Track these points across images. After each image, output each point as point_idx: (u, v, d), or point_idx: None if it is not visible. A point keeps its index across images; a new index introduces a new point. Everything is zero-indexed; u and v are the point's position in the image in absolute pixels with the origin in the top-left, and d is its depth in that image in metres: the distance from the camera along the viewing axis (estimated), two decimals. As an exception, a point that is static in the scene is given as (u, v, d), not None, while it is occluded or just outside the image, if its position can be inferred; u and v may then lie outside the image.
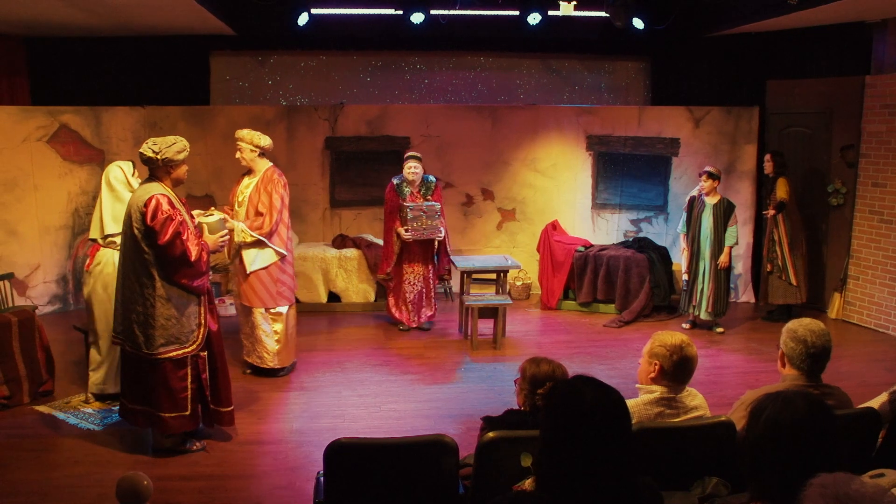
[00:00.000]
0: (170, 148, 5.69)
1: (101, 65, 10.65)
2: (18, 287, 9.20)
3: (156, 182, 5.74)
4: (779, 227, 9.46)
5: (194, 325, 5.82)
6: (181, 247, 5.57)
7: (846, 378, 7.13)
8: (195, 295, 5.81)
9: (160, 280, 5.62)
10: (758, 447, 2.42)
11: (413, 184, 9.08)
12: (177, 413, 5.78)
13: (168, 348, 5.69)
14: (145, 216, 5.51)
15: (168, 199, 5.63)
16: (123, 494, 3.70)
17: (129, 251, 5.69)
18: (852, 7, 8.33)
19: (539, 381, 3.93)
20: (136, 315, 5.66)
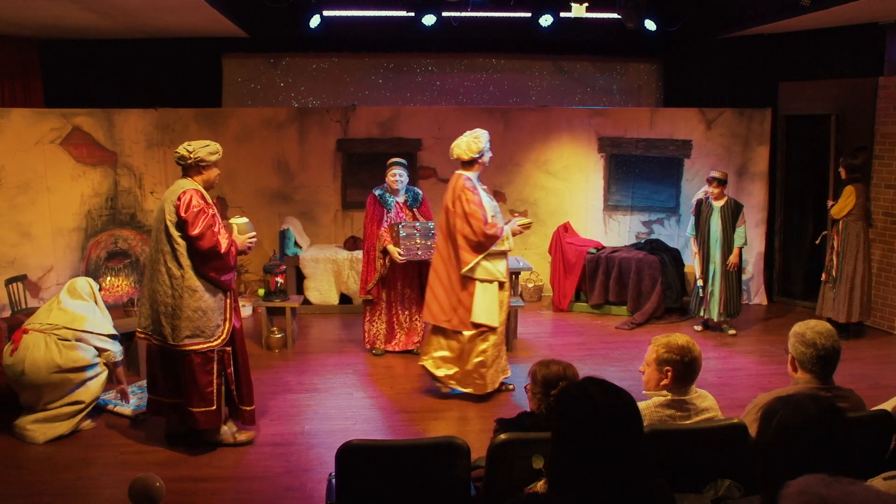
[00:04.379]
0: (203, 149, 5.92)
1: (114, 67, 10.69)
2: (31, 289, 9.24)
3: (188, 179, 5.96)
4: (838, 237, 9.06)
5: (220, 320, 5.95)
6: (212, 238, 5.75)
7: (859, 380, 7.11)
8: (221, 290, 5.96)
9: (189, 271, 5.80)
10: (770, 450, 2.41)
11: (397, 193, 8.39)
12: (205, 408, 5.92)
13: (193, 341, 5.82)
14: (178, 208, 5.73)
15: (200, 194, 5.86)
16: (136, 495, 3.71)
17: (159, 244, 5.87)
18: (865, 8, 8.29)
19: (551, 381, 3.93)
20: (164, 307, 5.81)
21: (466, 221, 6.85)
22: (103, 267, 10.03)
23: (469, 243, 6.88)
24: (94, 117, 9.94)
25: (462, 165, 7.15)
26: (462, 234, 6.88)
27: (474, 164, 7.12)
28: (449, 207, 6.99)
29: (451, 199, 6.98)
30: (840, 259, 8.99)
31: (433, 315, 7.16)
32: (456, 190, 6.96)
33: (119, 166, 10.17)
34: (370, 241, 8.41)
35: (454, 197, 6.95)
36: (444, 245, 7.12)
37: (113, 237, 10.14)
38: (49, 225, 9.53)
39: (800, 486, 1.81)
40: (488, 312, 6.94)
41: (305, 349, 8.79)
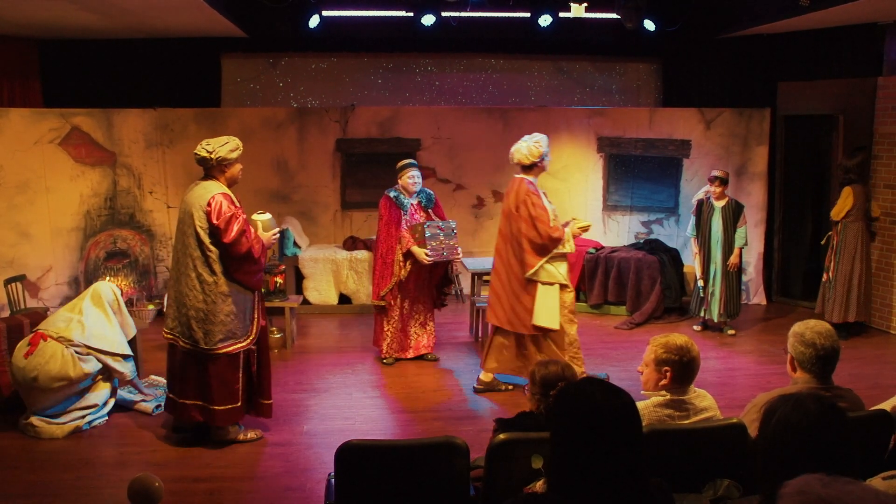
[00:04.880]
0: (223, 147, 5.92)
1: (113, 67, 10.69)
2: (30, 289, 9.24)
3: (212, 181, 5.94)
4: (838, 237, 9.10)
5: (249, 321, 6.01)
6: (246, 244, 5.78)
7: (858, 380, 7.10)
8: (251, 291, 6.00)
9: (222, 277, 5.81)
10: (769, 449, 2.41)
11: (411, 194, 8.17)
12: (230, 405, 5.99)
13: (226, 343, 5.88)
14: (209, 215, 5.72)
15: (229, 198, 5.85)
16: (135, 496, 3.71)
17: (188, 249, 5.84)
18: (864, 8, 8.29)
19: (550, 382, 3.93)
20: (195, 311, 5.82)
21: (532, 225, 6.92)
22: (102, 267, 10.03)
23: (534, 246, 6.95)
24: (93, 117, 9.94)
25: (522, 170, 7.13)
26: (527, 238, 6.94)
27: (534, 168, 7.11)
28: (512, 211, 7.03)
29: (513, 203, 7.01)
30: (838, 259, 9.00)
31: (497, 317, 7.24)
32: (520, 194, 6.98)
33: (118, 166, 10.16)
34: (386, 244, 8.05)
35: (518, 201, 6.98)
36: (503, 248, 7.20)
37: (112, 237, 10.14)
38: (48, 225, 9.53)
39: (798, 486, 1.81)
40: (550, 315, 7.02)
41: (304, 349, 8.79)
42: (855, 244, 8.99)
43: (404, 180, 8.05)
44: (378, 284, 8.11)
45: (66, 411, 6.36)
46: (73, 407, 6.38)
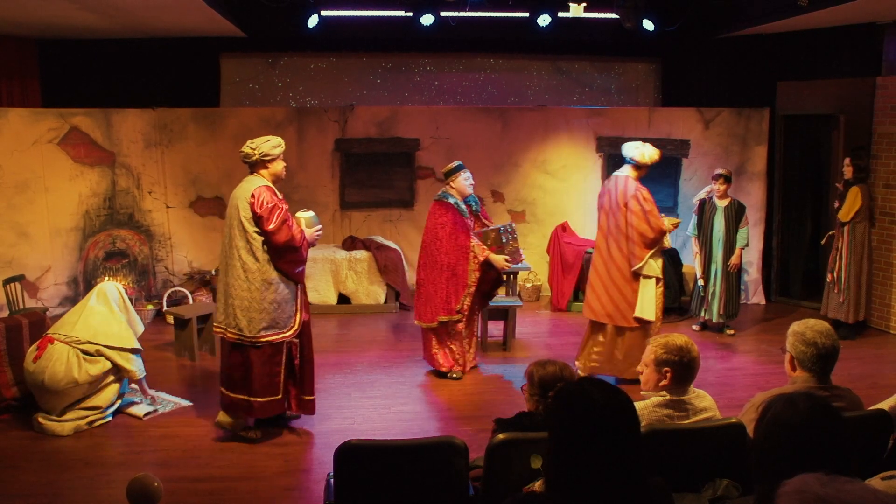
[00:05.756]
0: (265, 144, 6.14)
1: (112, 67, 10.69)
2: (29, 289, 9.23)
3: (256, 175, 6.18)
4: (844, 238, 9.07)
5: (292, 311, 6.18)
6: (287, 233, 5.99)
7: (857, 380, 7.12)
8: (293, 282, 6.19)
9: (266, 265, 6.03)
10: (763, 448, 2.42)
11: (464, 198, 7.78)
12: (270, 397, 6.16)
13: (269, 332, 6.07)
14: (253, 205, 5.97)
15: (271, 190, 6.09)
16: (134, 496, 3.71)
17: (232, 240, 6.08)
18: (863, 8, 8.30)
19: (548, 382, 3.93)
20: (240, 300, 6.04)
21: (645, 218, 7.23)
22: (101, 267, 10.03)
23: (645, 240, 7.24)
24: (92, 117, 9.93)
25: (633, 168, 7.46)
26: (639, 231, 7.22)
27: (643, 169, 7.47)
28: (619, 206, 7.32)
29: (620, 199, 7.31)
30: (849, 261, 8.98)
31: (594, 312, 7.52)
32: (629, 189, 7.30)
33: (117, 166, 10.16)
34: (455, 255, 7.56)
35: (627, 196, 7.28)
36: (603, 243, 7.48)
37: (111, 237, 10.14)
38: (47, 225, 9.52)
39: (796, 485, 1.81)
40: (650, 307, 7.32)
41: (304, 349, 8.78)
42: (863, 244, 9.02)
43: (458, 183, 7.70)
44: (448, 299, 7.61)
45: (70, 410, 6.39)
46: (77, 406, 6.40)
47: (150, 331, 9.06)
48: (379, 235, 10.90)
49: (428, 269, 7.71)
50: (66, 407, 6.40)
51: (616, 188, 7.42)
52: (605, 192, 7.60)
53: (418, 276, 7.89)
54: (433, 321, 7.69)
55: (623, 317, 7.35)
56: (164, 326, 9.33)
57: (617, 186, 7.43)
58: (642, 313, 7.30)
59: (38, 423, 6.37)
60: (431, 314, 7.70)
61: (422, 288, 7.80)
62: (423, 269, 7.78)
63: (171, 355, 8.51)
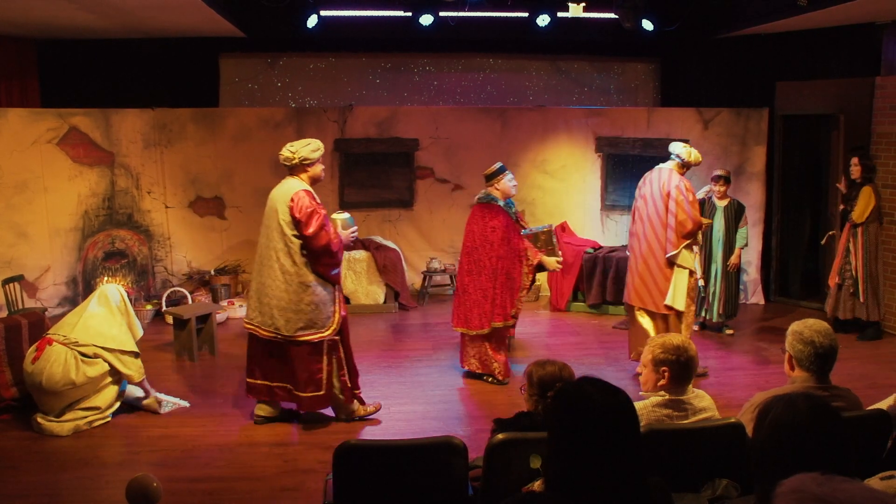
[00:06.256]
0: (305, 147, 6.31)
1: (111, 67, 10.69)
2: (28, 289, 9.23)
3: (295, 179, 6.35)
4: (856, 239, 8.96)
5: (330, 312, 6.33)
6: (325, 237, 6.16)
7: (857, 380, 7.12)
8: (330, 283, 6.34)
9: (304, 268, 6.19)
10: (763, 449, 2.42)
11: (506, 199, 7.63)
12: (313, 392, 6.35)
13: (306, 332, 6.24)
14: (292, 209, 6.13)
15: (310, 194, 6.26)
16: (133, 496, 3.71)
17: (271, 241, 6.25)
18: (863, 8, 8.30)
19: (547, 382, 3.93)
20: (277, 300, 6.22)
21: (686, 209, 7.38)
22: (100, 267, 10.03)
23: (682, 230, 7.38)
24: (92, 117, 9.93)
25: (678, 164, 7.58)
26: (679, 220, 7.37)
27: (687, 167, 7.62)
28: (661, 195, 7.48)
29: (664, 188, 7.47)
30: (864, 261, 8.92)
31: (628, 294, 7.80)
32: (673, 180, 7.46)
33: (116, 166, 10.16)
34: (509, 259, 7.39)
35: (671, 186, 7.44)
36: (641, 230, 7.67)
37: (110, 237, 10.14)
38: (46, 225, 9.52)
39: (794, 485, 1.81)
40: (680, 297, 7.44)
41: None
42: (875, 244, 8.98)
43: (503, 185, 7.53)
44: (504, 304, 7.43)
45: (69, 410, 6.39)
46: (76, 406, 6.40)
47: (150, 331, 9.05)
48: (378, 235, 10.90)
49: (474, 274, 7.47)
50: (65, 408, 6.40)
51: (659, 178, 7.59)
52: (644, 182, 7.76)
53: (461, 282, 7.64)
54: (484, 327, 7.45)
55: (654, 303, 7.53)
56: (164, 326, 9.32)
57: (660, 177, 7.59)
58: (673, 302, 7.44)
59: (37, 424, 6.37)
60: (481, 320, 7.45)
61: (467, 294, 7.53)
62: (469, 275, 7.52)
63: (171, 355, 8.50)
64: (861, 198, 8.87)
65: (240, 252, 10.88)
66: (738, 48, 11.04)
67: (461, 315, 7.62)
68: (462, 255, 7.69)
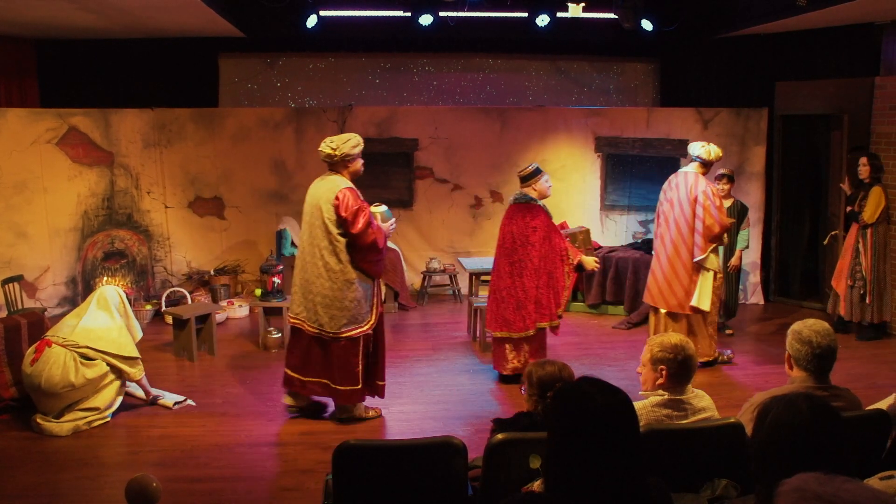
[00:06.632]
0: (346, 143, 6.36)
1: (111, 67, 10.69)
2: (28, 289, 9.23)
3: (337, 175, 6.42)
4: (865, 240, 8.88)
5: (369, 307, 6.46)
6: (372, 234, 6.25)
7: (856, 380, 7.12)
8: (372, 279, 6.47)
9: (348, 265, 6.29)
10: (763, 449, 2.42)
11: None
12: (350, 387, 6.45)
13: (349, 328, 6.36)
14: (338, 208, 6.21)
15: (354, 192, 6.33)
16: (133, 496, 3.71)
17: (315, 239, 6.33)
18: (862, 8, 8.29)
19: (547, 382, 3.93)
20: (322, 298, 6.32)
21: (713, 213, 7.55)
22: (100, 267, 10.03)
23: (710, 234, 7.56)
24: (91, 117, 9.93)
25: (699, 165, 7.77)
26: (706, 225, 7.54)
27: (709, 166, 7.82)
28: (689, 199, 7.64)
29: (691, 193, 7.63)
30: (873, 262, 8.86)
31: (653, 297, 7.99)
32: (699, 185, 7.63)
33: (116, 166, 10.16)
34: (551, 259, 7.31)
35: (698, 191, 7.61)
36: (666, 233, 7.87)
37: (109, 237, 10.14)
38: (45, 225, 9.52)
39: (795, 484, 1.81)
40: (706, 298, 7.68)
41: (302, 349, 8.77)
42: (884, 245, 8.90)
43: (541, 185, 7.42)
44: (550, 304, 7.35)
45: (68, 411, 6.39)
46: (76, 407, 6.40)
47: (149, 331, 9.05)
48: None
49: (515, 275, 7.30)
50: (64, 408, 6.40)
51: (686, 183, 7.73)
52: (670, 186, 7.94)
53: (500, 284, 7.44)
54: (529, 329, 7.30)
55: (680, 304, 7.72)
56: (163, 327, 9.32)
57: (686, 181, 7.74)
58: (699, 303, 7.63)
59: (36, 424, 6.37)
60: (525, 322, 7.29)
61: (508, 296, 7.36)
62: (509, 277, 7.34)
63: (170, 356, 8.50)
64: (871, 198, 8.80)
65: (239, 252, 10.88)
66: (737, 48, 11.04)
67: (500, 318, 7.42)
68: (499, 258, 7.50)
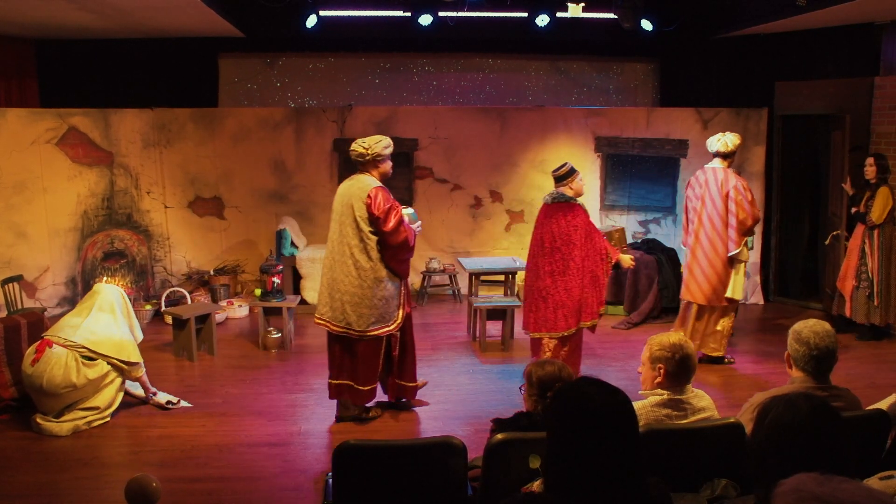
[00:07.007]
0: (378, 144, 6.39)
1: (110, 67, 10.69)
2: (28, 289, 9.23)
3: (367, 175, 6.44)
4: (871, 241, 8.81)
5: (396, 306, 6.52)
6: (403, 233, 6.32)
7: (855, 380, 7.13)
8: (399, 278, 6.52)
9: (378, 263, 6.35)
10: (763, 449, 2.42)
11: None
12: (370, 385, 6.57)
13: (376, 326, 6.42)
14: (369, 206, 6.25)
15: (385, 191, 6.37)
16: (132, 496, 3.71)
17: (345, 237, 6.38)
18: (861, 8, 8.30)
19: (547, 382, 3.93)
20: (350, 296, 6.36)
21: (746, 207, 7.73)
22: (100, 267, 10.02)
23: (743, 227, 7.77)
24: (91, 117, 9.93)
25: (722, 159, 7.91)
26: (739, 219, 7.72)
27: (731, 157, 7.93)
28: (721, 195, 7.77)
29: (723, 188, 7.77)
30: (880, 263, 8.80)
31: (692, 294, 8.08)
32: (730, 180, 7.77)
33: (115, 166, 10.16)
34: (590, 259, 7.15)
35: (730, 186, 7.74)
36: (699, 229, 7.98)
37: (109, 237, 10.13)
38: (45, 225, 9.52)
39: (793, 484, 1.82)
40: (739, 288, 8.01)
41: (302, 349, 8.79)
42: (890, 245, 8.83)
43: (577, 184, 7.24)
44: (592, 303, 7.21)
45: (68, 411, 6.39)
46: (76, 407, 6.40)
47: (149, 331, 9.05)
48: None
49: (557, 274, 7.10)
50: (64, 408, 6.40)
51: (715, 179, 7.85)
52: (699, 183, 8.01)
53: (539, 284, 7.21)
54: (571, 328, 7.13)
55: (718, 298, 7.94)
56: (163, 327, 9.32)
57: (716, 178, 7.85)
58: (733, 294, 7.92)
59: (36, 424, 6.37)
60: (567, 321, 7.12)
61: (550, 296, 7.14)
62: (550, 276, 7.13)
63: (170, 355, 8.50)
64: (878, 198, 8.70)
65: (239, 252, 10.88)
66: (737, 48, 11.05)
67: (540, 319, 7.21)
68: (538, 258, 7.30)
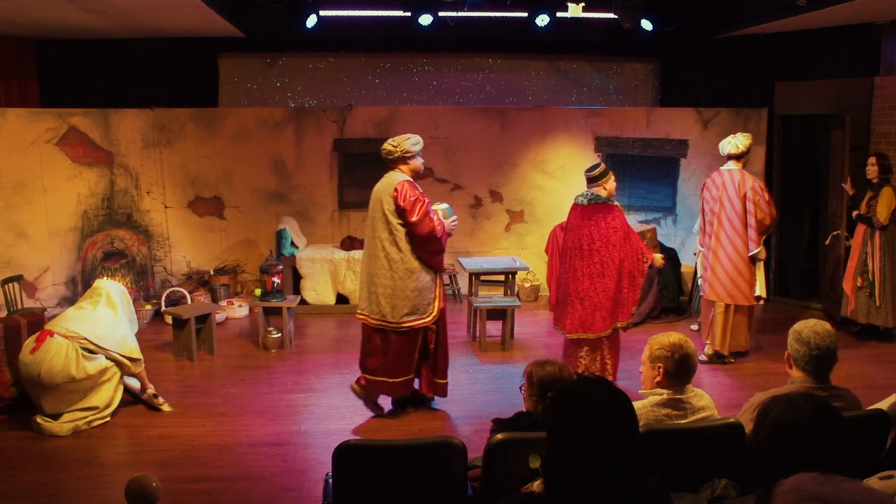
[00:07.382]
0: (406, 141, 6.57)
1: (110, 67, 10.68)
2: (28, 289, 9.23)
3: (397, 172, 6.60)
4: (873, 241, 8.75)
5: (431, 299, 6.62)
6: (430, 224, 6.41)
7: (855, 380, 7.11)
8: (433, 271, 6.62)
9: (408, 255, 6.48)
10: (763, 449, 2.42)
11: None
12: (405, 377, 6.68)
13: (411, 318, 6.53)
14: (396, 199, 6.39)
15: (413, 184, 6.52)
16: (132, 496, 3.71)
17: (376, 231, 6.56)
18: (862, 8, 8.30)
19: (547, 382, 3.93)
20: (384, 288, 6.51)
21: (765, 207, 7.90)
22: (100, 267, 10.02)
23: (762, 227, 7.94)
24: (91, 117, 9.93)
25: (736, 160, 8.03)
26: (757, 219, 7.88)
27: (745, 157, 8.06)
28: (739, 195, 7.91)
29: (740, 189, 7.91)
30: (882, 264, 8.74)
31: (716, 293, 8.19)
32: (747, 181, 7.94)
33: (115, 166, 10.15)
34: (629, 260, 7.12)
35: (747, 187, 7.91)
36: (719, 230, 8.10)
37: (109, 237, 10.13)
38: (45, 225, 9.52)
39: (793, 484, 1.81)
40: (762, 286, 8.15)
41: (302, 349, 8.79)
42: (892, 246, 8.77)
43: (611, 185, 7.37)
44: (627, 303, 7.15)
45: (67, 410, 6.38)
46: (75, 407, 6.40)
47: (149, 331, 9.06)
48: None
49: (596, 276, 7.08)
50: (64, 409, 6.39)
51: (732, 181, 7.97)
52: (715, 185, 8.13)
53: (577, 286, 7.16)
54: (605, 329, 7.09)
55: (744, 296, 8.06)
56: (163, 326, 9.32)
57: (733, 179, 7.98)
58: (759, 291, 8.11)
59: (36, 424, 6.36)
60: (605, 322, 7.08)
61: (588, 297, 7.10)
62: (589, 278, 7.10)
63: (170, 355, 8.50)
64: (882, 199, 8.65)
65: (239, 252, 10.89)
66: (737, 48, 11.05)
67: (578, 320, 7.13)
68: (575, 260, 7.25)
